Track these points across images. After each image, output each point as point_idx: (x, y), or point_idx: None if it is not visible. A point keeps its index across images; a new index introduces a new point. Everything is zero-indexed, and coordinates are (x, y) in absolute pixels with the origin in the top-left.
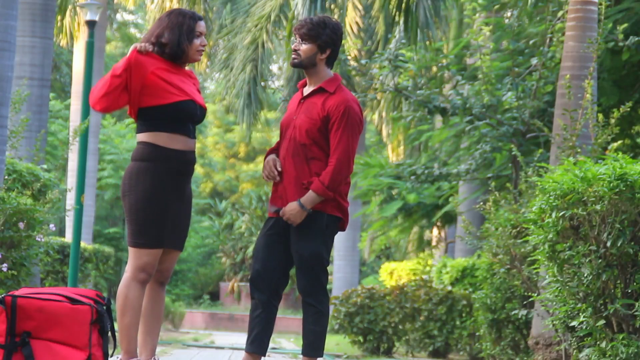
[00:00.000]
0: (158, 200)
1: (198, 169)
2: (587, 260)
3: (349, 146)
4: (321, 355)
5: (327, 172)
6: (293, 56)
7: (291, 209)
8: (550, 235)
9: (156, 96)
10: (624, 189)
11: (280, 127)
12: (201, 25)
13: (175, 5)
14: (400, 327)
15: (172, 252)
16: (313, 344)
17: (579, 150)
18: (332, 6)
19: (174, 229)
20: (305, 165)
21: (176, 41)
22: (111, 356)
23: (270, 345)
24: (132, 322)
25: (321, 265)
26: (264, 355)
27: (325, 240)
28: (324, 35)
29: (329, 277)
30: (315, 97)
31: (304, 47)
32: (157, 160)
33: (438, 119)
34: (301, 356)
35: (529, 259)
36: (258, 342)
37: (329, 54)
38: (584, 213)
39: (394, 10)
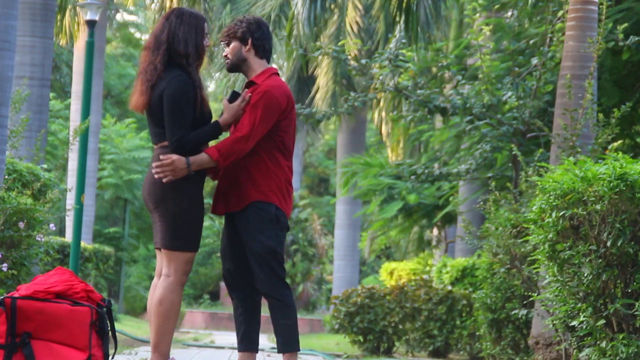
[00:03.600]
0: (200, 203)
1: None
2: (587, 260)
3: (254, 124)
4: (298, 349)
5: (225, 140)
6: (225, 62)
7: (178, 162)
8: (550, 235)
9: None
10: (624, 188)
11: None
12: (207, 26)
13: (175, 5)
14: (400, 326)
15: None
16: (288, 338)
17: (579, 150)
18: (332, 6)
19: None
20: (240, 160)
21: (194, 44)
22: (112, 357)
23: (270, 345)
24: (173, 326)
25: (276, 259)
26: (257, 352)
27: (277, 233)
28: (241, 29)
29: (329, 277)
30: (248, 91)
31: (229, 48)
32: None
33: (438, 119)
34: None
35: (529, 258)
36: (247, 340)
37: (251, 43)
38: (584, 213)
39: (395, 10)
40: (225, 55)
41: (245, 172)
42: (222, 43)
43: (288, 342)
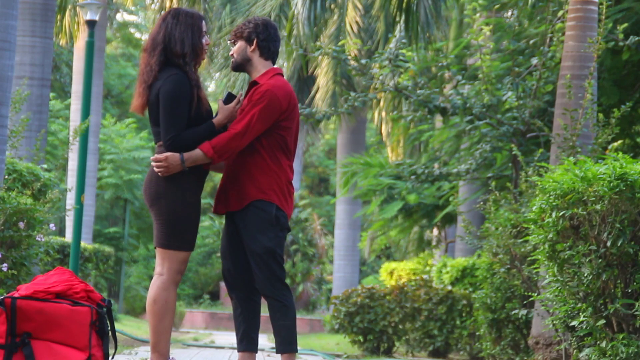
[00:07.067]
0: (196, 203)
1: None
2: (587, 260)
3: (251, 122)
4: (296, 350)
5: (220, 136)
6: (231, 61)
7: (172, 158)
8: (550, 235)
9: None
10: (624, 188)
11: None
12: (204, 24)
13: (175, 5)
14: (400, 326)
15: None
16: (287, 339)
17: (579, 149)
18: (332, 6)
19: None
20: (241, 158)
21: (190, 43)
22: (112, 357)
23: (270, 345)
24: (170, 325)
25: (275, 260)
26: (256, 352)
27: (277, 234)
28: (247, 29)
29: (329, 277)
30: (250, 91)
31: (235, 48)
32: None
33: (438, 118)
34: (283, 354)
35: (529, 258)
36: (246, 340)
37: (256, 44)
38: (584, 213)
39: (395, 10)
40: (232, 54)
41: (246, 171)
42: (229, 42)
43: (286, 342)
